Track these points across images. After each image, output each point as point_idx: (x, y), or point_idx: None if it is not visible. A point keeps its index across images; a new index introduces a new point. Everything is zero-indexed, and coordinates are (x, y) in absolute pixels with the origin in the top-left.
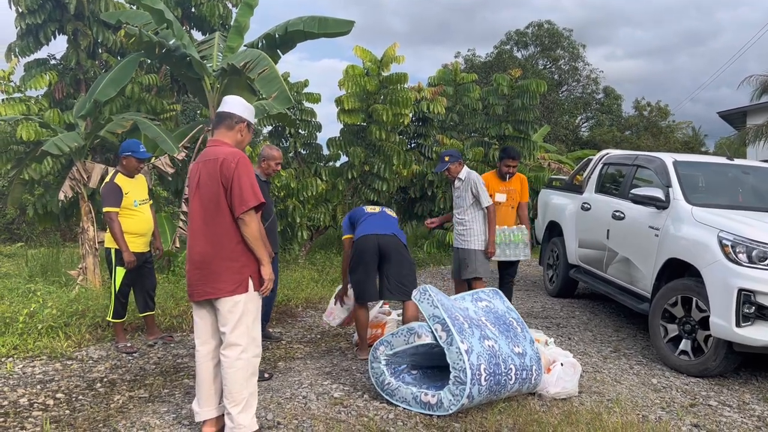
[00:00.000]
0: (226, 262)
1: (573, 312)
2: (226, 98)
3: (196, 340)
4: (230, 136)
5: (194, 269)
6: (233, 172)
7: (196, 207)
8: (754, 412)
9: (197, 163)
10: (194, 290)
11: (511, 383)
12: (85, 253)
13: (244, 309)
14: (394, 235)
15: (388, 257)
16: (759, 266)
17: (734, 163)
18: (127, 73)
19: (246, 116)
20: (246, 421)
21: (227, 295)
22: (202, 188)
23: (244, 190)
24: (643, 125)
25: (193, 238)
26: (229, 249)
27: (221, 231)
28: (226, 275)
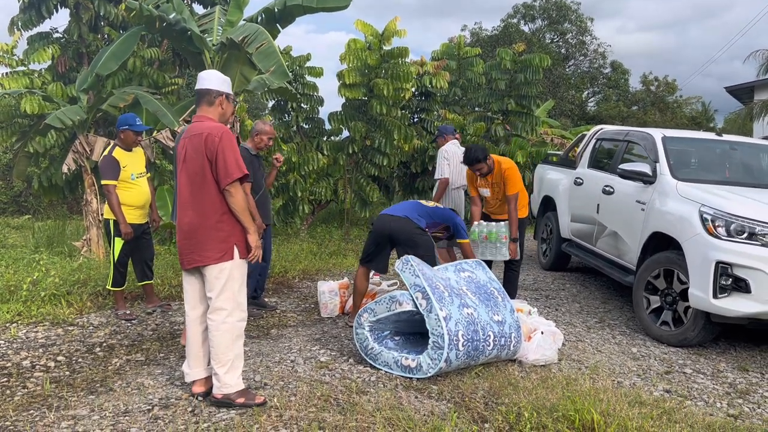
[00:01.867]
0: (212, 231)
1: (564, 285)
2: (201, 74)
3: (186, 306)
4: (212, 111)
5: (183, 239)
6: (217, 146)
7: (184, 180)
8: (726, 379)
9: (183, 138)
10: (184, 258)
11: (489, 349)
12: (89, 224)
13: (229, 275)
14: (406, 218)
15: (400, 240)
16: (737, 240)
17: (723, 138)
18: (129, 47)
19: (223, 89)
20: (232, 380)
21: (214, 262)
22: (188, 162)
23: (229, 163)
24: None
25: (181, 209)
26: (215, 219)
27: (207, 202)
28: (213, 244)
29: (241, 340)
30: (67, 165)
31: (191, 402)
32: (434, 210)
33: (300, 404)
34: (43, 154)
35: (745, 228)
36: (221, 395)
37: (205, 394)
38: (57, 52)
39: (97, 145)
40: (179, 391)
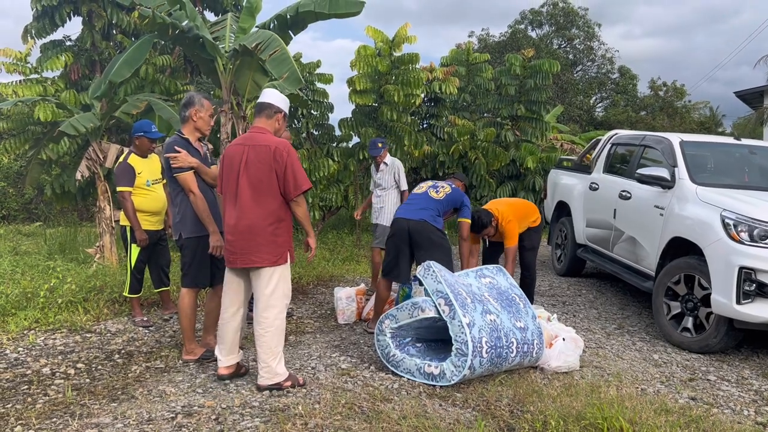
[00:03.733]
0: (272, 236)
1: (580, 290)
2: (266, 90)
3: (224, 301)
4: (269, 125)
5: (240, 240)
6: (286, 160)
7: (245, 185)
8: (751, 386)
9: (241, 144)
10: (237, 258)
11: (512, 356)
12: (102, 231)
13: (281, 277)
14: (423, 221)
15: (418, 244)
16: (760, 245)
17: (741, 143)
18: (141, 55)
19: (283, 107)
20: (281, 369)
21: (269, 264)
22: (250, 169)
23: (298, 177)
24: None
25: (241, 212)
26: (275, 225)
27: (271, 210)
28: (271, 248)
29: (284, 333)
30: (81, 172)
31: (215, 410)
32: (446, 199)
33: (325, 412)
34: (55, 161)
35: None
36: (272, 383)
37: (229, 376)
38: (70, 59)
39: (111, 152)
40: (201, 399)
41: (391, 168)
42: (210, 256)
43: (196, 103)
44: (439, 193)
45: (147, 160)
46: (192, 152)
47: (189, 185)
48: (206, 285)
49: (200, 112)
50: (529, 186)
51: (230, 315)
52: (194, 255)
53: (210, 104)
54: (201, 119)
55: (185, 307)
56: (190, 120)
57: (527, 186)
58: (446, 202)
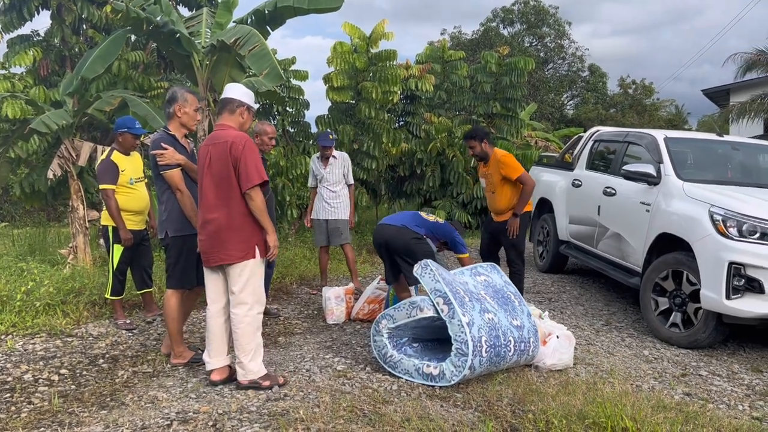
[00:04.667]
0: (237, 232)
1: (564, 287)
2: (228, 85)
3: (208, 299)
4: (233, 120)
5: (208, 239)
6: (241, 153)
7: (209, 184)
8: (743, 381)
9: (206, 145)
10: (209, 257)
11: (510, 355)
12: (76, 231)
13: (251, 272)
14: (404, 227)
15: (395, 249)
16: (749, 240)
17: (724, 139)
18: (115, 50)
19: (246, 101)
20: (255, 367)
21: (237, 260)
22: (213, 167)
23: (250, 170)
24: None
25: (206, 212)
26: (239, 221)
27: (232, 205)
28: (236, 244)
29: (260, 330)
30: (53, 171)
31: (211, 416)
32: (434, 224)
33: (326, 416)
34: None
35: (757, 228)
36: (247, 381)
37: (222, 382)
38: (39, 55)
39: (83, 150)
40: (196, 404)
41: (340, 162)
42: (197, 256)
43: (179, 98)
44: (430, 216)
45: (130, 158)
46: (179, 149)
47: (176, 183)
48: (193, 285)
49: (184, 108)
50: None
51: (215, 311)
52: (180, 254)
53: (195, 98)
54: (186, 114)
55: (171, 309)
56: (174, 116)
57: None
58: (435, 226)
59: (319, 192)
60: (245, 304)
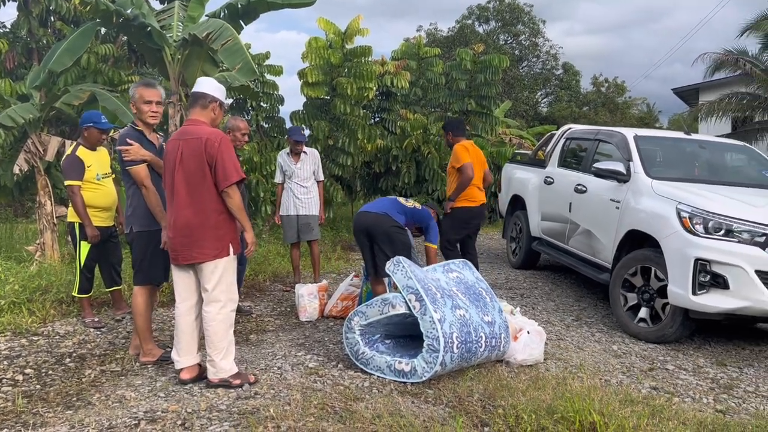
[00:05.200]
0: (210, 230)
1: (536, 283)
2: (200, 79)
3: (177, 297)
4: (205, 115)
5: (179, 236)
6: (217, 151)
7: (180, 180)
8: (707, 374)
9: (176, 140)
10: (179, 255)
11: (482, 350)
12: (43, 228)
13: (224, 270)
14: (385, 214)
15: (375, 237)
16: (715, 237)
17: (691, 138)
18: (83, 43)
19: (218, 96)
20: (227, 365)
21: (211, 259)
22: (185, 164)
23: (228, 167)
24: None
25: (178, 208)
26: (213, 219)
27: (206, 202)
28: (210, 242)
29: (232, 328)
30: (19, 166)
31: (180, 415)
32: (413, 210)
33: (297, 413)
34: None
35: (722, 225)
36: (218, 379)
37: (192, 380)
38: (5, 47)
39: (51, 145)
40: (165, 403)
41: (311, 158)
42: (164, 252)
43: (131, 94)
44: (408, 202)
45: (96, 153)
46: (146, 144)
47: (141, 178)
48: (161, 281)
49: (135, 103)
50: None
51: (185, 309)
52: (146, 250)
53: (149, 90)
54: (138, 110)
55: (139, 305)
56: (135, 113)
57: None
58: (413, 212)
59: (289, 188)
60: (218, 302)
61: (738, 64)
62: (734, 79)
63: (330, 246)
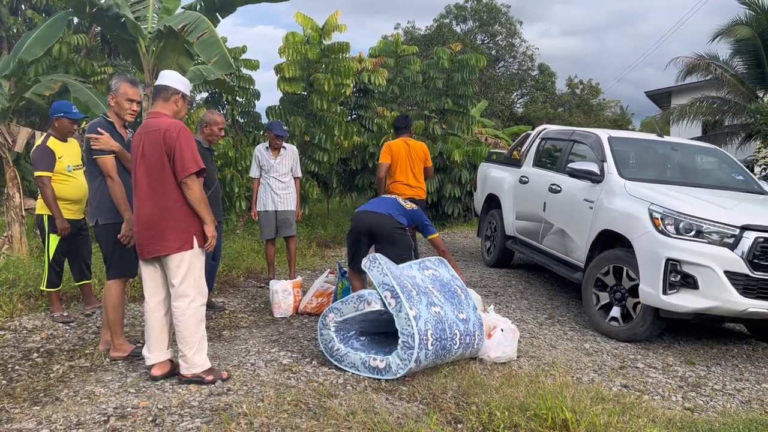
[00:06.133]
0: (173, 222)
1: (509, 281)
2: (162, 72)
3: (146, 293)
4: (167, 108)
5: (143, 230)
6: (175, 141)
7: (142, 173)
8: (676, 373)
9: (139, 133)
10: (144, 249)
11: (456, 348)
12: (11, 220)
13: (190, 263)
14: (389, 215)
15: (380, 236)
16: (685, 237)
17: (664, 140)
18: (55, 32)
19: (180, 88)
20: (200, 360)
21: (175, 251)
22: (146, 156)
23: (185, 158)
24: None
25: (140, 202)
26: (175, 211)
27: (167, 195)
28: (173, 234)
29: (203, 323)
30: None
31: (150, 411)
32: (411, 212)
33: (270, 410)
34: None
35: (693, 226)
36: (190, 374)
37: (163, 376)
38: None
39: (20, 136)
40: (135, 399)
41: (290, 153)
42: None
43: (112, 87)
44: (407, 204)
45: (67, 144)
46: (116, 137)
47: (108, 169)
48: (134, 274)
49: (117, 97)
50: (456, 179)
51: (154, 304)
52: (114, 243)
53: (134, 89)
54: (117, 104)
55: (112, 298)
56: (109, 105)
57: (453, 179)
58: (412, 214)
59: (266, 183)
60: (186, 296)
61: (709, 68)
62: (705, 84)
63: (305, 242)
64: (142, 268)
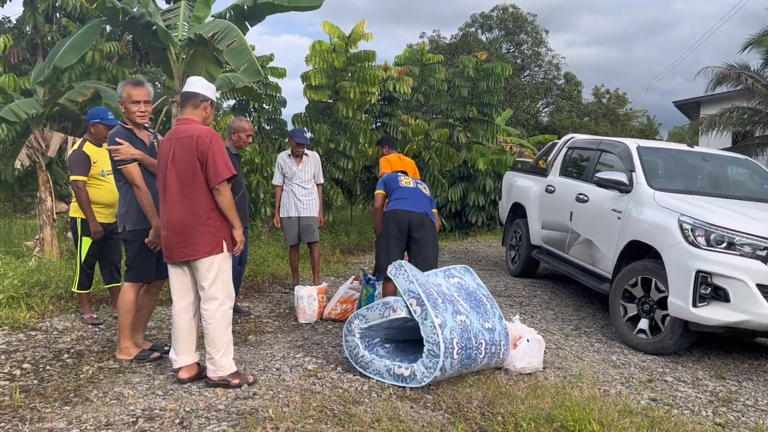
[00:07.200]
0: (203, 227)
1: (534, 291)
2: (190, 79)
3: (173, 296)
4: (196, 114)
5: (173, 234)
6: (208, 148)
7: (173, 179)
8: (707, 387)
9: (169, 139)
10: (174, 252)
11: (481, 357)
12: (43, 223)
13: (220, 267)
14: (426, 214)
15: (418, 237)
16: (716, 249)
17: (694, 150)
18: (89, 40)
19: (209, 95)
20: (227, 363)
21: (205, 255)
22: (177, 162)
23: (218, 164)
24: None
25: (170, 207)
26: (206, 216)
27: (198, 200)
28: (204, 238)
29: (230, 326)
30: (21, 161)
31: (178, 413)
32: (431, 198)
33: (295, 415)
34: None
35: (724, 238)
36: (217, 377)
37: (190, 379)
38: (10, 42)
39: (53, 141)
40: (162, 401)
41: (313, 160)
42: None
43: (118, 93)
44: (426, 190)
45: (102, 150)
46: (136, 143)
47: (133, 177)
48: (150, 280)
49: (124, 103)
50: (480, 187)
51: (182, 308)
52: (140, 248)
53: (137, 90)
54: (125, 110)
55: (127, 302)
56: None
57: (478, 187)
58: (431, 200)
59: (289, 189)
60: (216, 299)
61: (740, 78)
62: (735, 94)
63: (329, 249)
64: (170, 272)
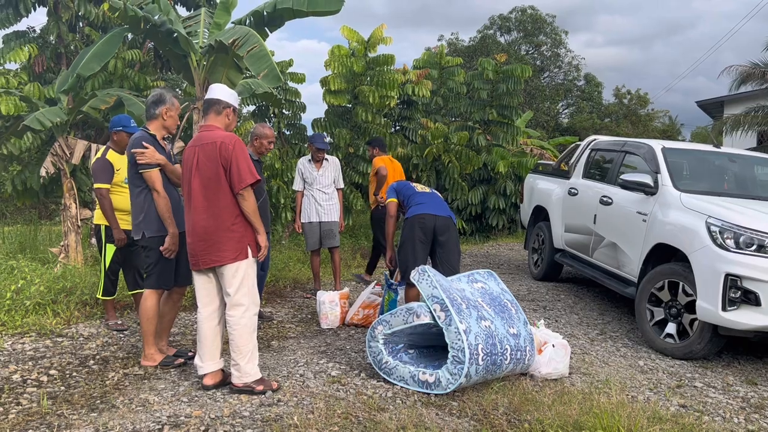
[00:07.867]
0: (228, 233)
1: (558, 295)
2: (212, 86)
3: (198, 303)
4: (219, 121)
5: (198, 241)
6: (231, 154)
7: (197, 186)
8: (738, 393)
9: (193, 146)
10: (199, 259)
11: (507, 363)
12: (67, 230)
13: (245, 273)
14: (450, 218)
15: (444, 241)
16: (746, 252)
17: (721, 151)
18: (112, 48)
19: (232, 102)
20: (252, 370)
21: (230, 261)
22: (201, 169)
23: (242, 170)
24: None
25: (195, 214)
26: (230, 222)
27: (222, 206)
28: (229, 244)
29: (255, 332)
30: (46, 168)
31: (203, 420)
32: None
33: (320, 422)
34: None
35: (754, 240)
36: (242, 384)
37: (215, 386)
38: (34, 51)
39: (77, 149)
40: (188, 408)
41: (333, 165)
42: (176, 257)
43: (167, 101)
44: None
45: (125, 157)
46: (158, 149)
47: (154, 183)
48: (170, 286)
49: (171, 111)
50: (500, 190)
51: (207, 314)
52: (160, 255)
53: (179, 104)
54: (171, 118)
55: (148, 309)
56: (159, 118)
57: (498, 190)
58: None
59: (310, 194)
60: (241, 305)
61: (765, 77)
62: (760, 93)
63: (350, 253)
64: (195, 279)
